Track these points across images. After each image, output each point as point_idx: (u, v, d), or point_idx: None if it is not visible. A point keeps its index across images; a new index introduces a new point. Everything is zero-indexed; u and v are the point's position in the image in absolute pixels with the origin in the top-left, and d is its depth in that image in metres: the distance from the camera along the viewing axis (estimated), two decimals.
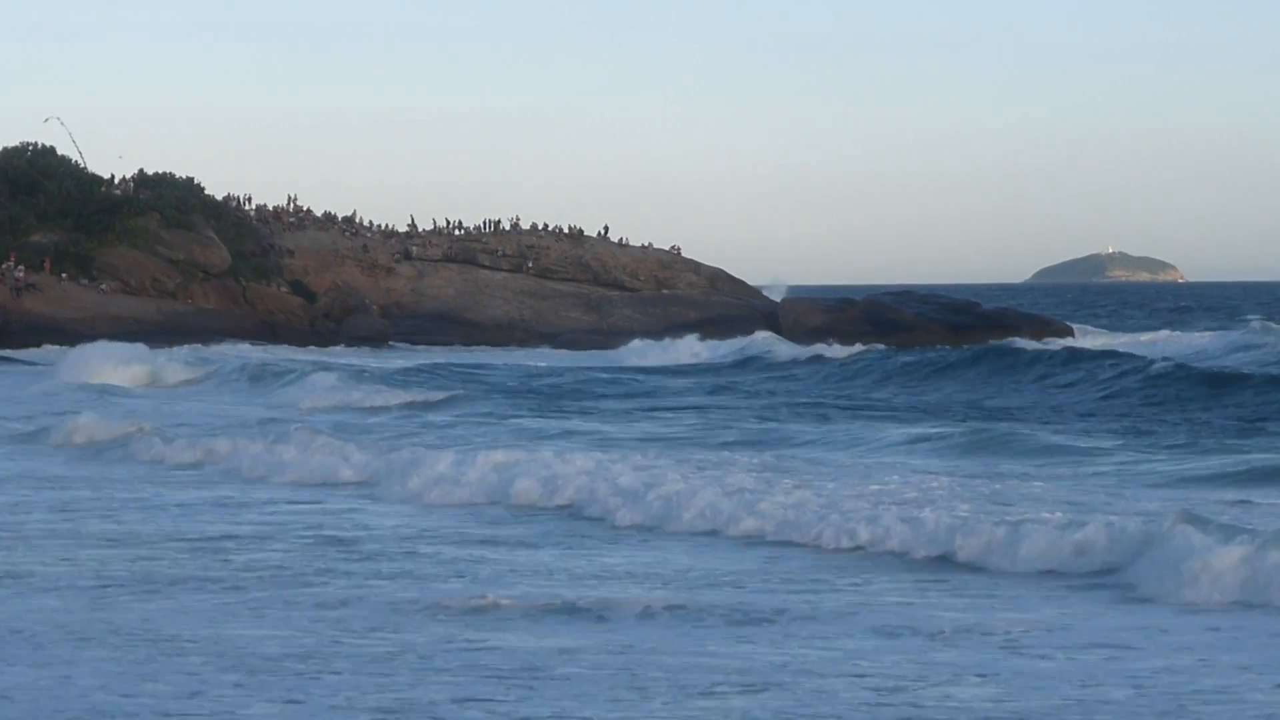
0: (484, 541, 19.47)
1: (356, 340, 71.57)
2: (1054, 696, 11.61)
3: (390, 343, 72.80)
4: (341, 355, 65.23)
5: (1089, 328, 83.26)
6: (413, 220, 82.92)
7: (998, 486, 22.77)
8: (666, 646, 13.35)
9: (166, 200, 75.41)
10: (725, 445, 29.97)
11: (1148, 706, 11.36)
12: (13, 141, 79.07)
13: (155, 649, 13.14)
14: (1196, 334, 73.18)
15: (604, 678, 12.22)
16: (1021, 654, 13.04)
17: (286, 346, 68.59)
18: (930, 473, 24.83)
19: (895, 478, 23.71)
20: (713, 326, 73.69)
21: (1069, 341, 67.41)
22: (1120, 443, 29.61)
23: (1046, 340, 67.18)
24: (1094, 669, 12.50)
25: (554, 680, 12.16)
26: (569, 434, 32.60)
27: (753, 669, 12.53)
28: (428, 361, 58.83)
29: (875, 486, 22.32)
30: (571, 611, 14.74)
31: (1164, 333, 77.78)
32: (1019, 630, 13.93)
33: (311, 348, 68.63)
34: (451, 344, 73.79)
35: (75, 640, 13.41)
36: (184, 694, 11.60)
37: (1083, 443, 29.38)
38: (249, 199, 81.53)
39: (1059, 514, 18.64)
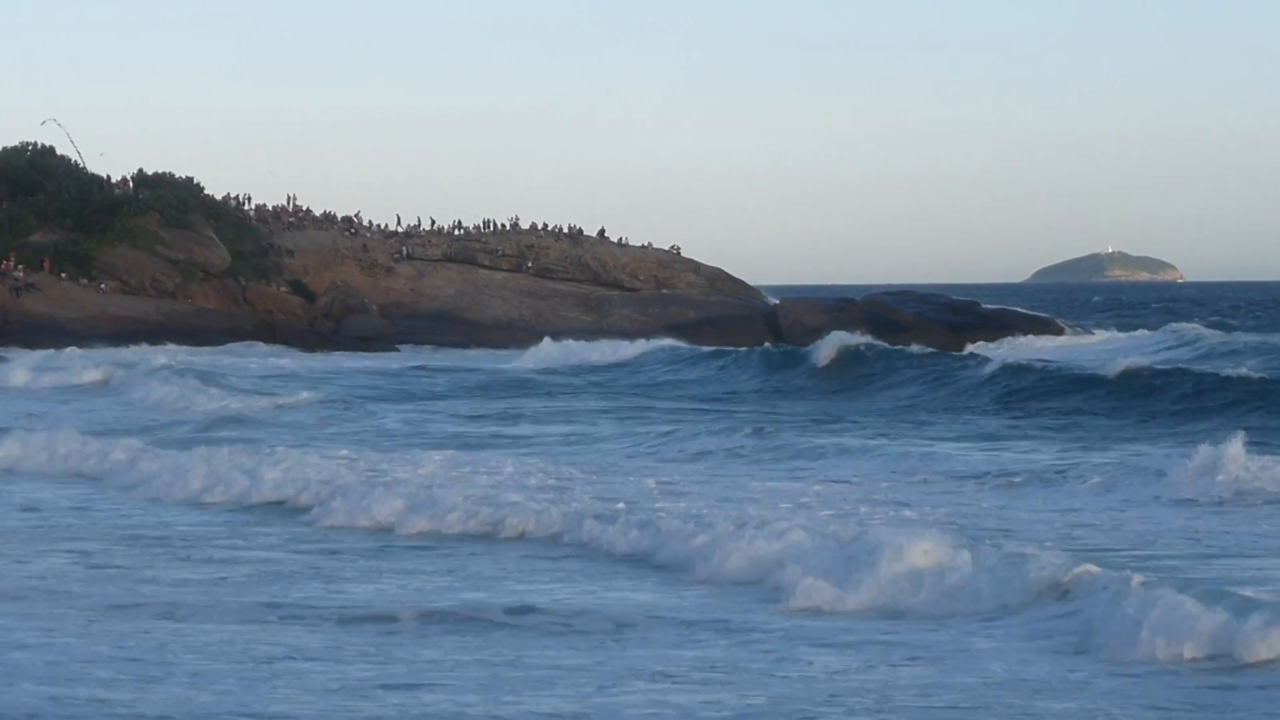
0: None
1: (356, 340, 71.31)
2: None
3: (397, 346, 72.00)
4: (319, 359, 64.40)
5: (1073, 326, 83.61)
6: (399, 219, 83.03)
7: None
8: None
9: (166, 200, 75.40)
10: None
11: None
12: (12, 141, 79.26)
13: None
14: (1129, 334, 75.48)
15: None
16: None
17: (282, 346, 68.42)
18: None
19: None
20: (712, 326, 73.77)
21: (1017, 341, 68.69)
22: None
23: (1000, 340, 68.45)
24: None
25: None
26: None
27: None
28: (338, 367, 58.74)
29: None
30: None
31: (1141, 332, 79.27)
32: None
33: (298, 351, 67.86)
34: (447, 345, 73.38)
35: None
36: None
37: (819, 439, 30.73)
38: (248, 199, 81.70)
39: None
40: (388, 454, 28.06)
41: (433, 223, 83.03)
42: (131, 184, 77.68)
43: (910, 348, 51.56)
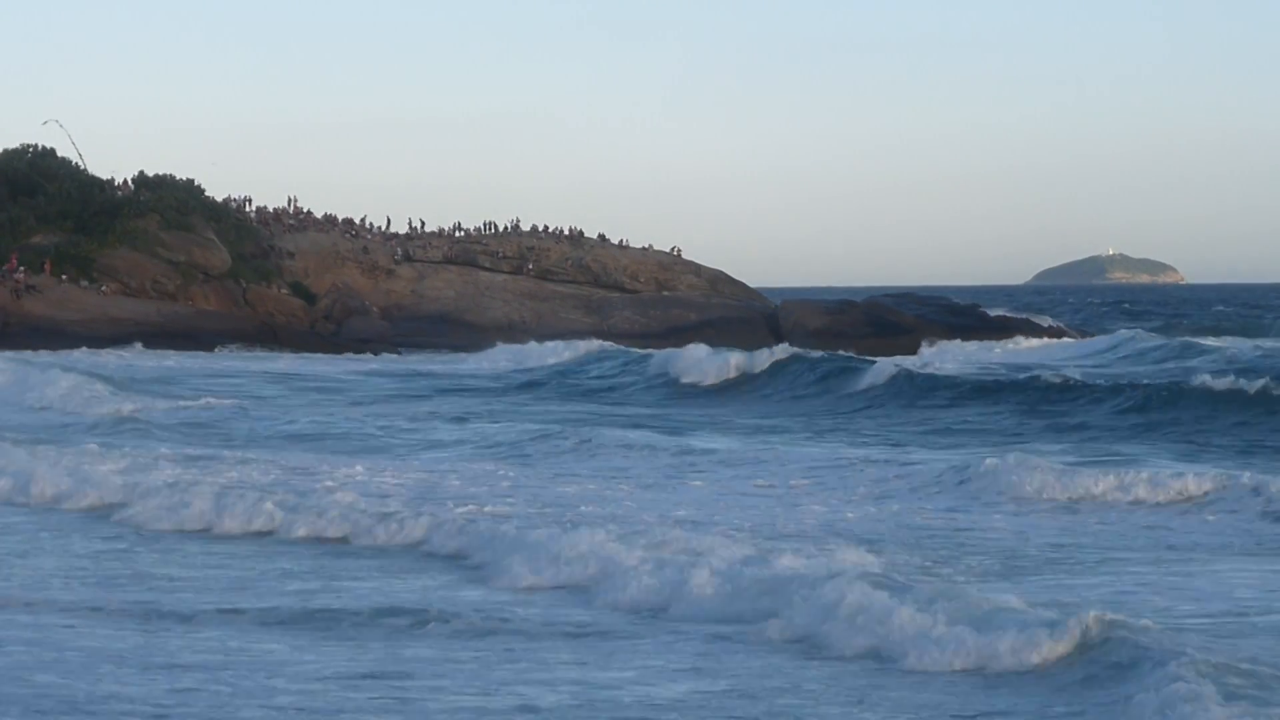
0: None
1: (357, 343, 71.16)
2: None
3: (398, 349, 71.65)
4: (311, 361, 64.03)
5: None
6: (388, 220, 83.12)
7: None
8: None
9: (167, 202, 75.40)
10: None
11: None
12: (13, 143, 79.25)
13: None
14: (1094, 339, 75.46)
15: None
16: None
17: (291, 352, 68.31)
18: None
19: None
20: (713, 328, 73.70)
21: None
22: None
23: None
24: None
25: None
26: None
27: None
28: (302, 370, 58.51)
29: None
30: None
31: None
32: None
33: (289, 353, 67.47)
34: (447, 348, 73.09)
35: None
36: None
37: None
38: (249, 200, 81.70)
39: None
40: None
41: (423, 224, 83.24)
42: (132, 186, 77.72)
43: (814, 353, 51.72)
